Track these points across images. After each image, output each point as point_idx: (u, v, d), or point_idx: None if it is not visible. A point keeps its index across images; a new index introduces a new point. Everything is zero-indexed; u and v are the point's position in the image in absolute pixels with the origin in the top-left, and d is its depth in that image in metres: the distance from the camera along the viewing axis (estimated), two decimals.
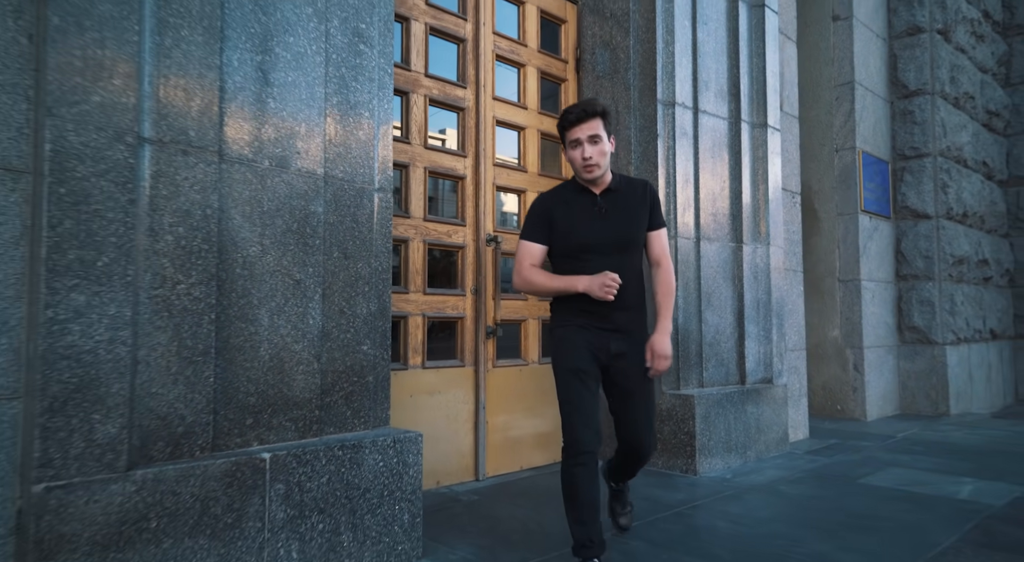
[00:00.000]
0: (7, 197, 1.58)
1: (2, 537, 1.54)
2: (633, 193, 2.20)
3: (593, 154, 2.09)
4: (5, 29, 1.59)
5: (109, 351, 1.63)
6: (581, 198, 2.17)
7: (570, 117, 2.11)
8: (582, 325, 2.11)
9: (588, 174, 2.12)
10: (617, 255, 2.12)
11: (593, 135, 2.09)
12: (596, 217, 2.13)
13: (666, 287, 2.21)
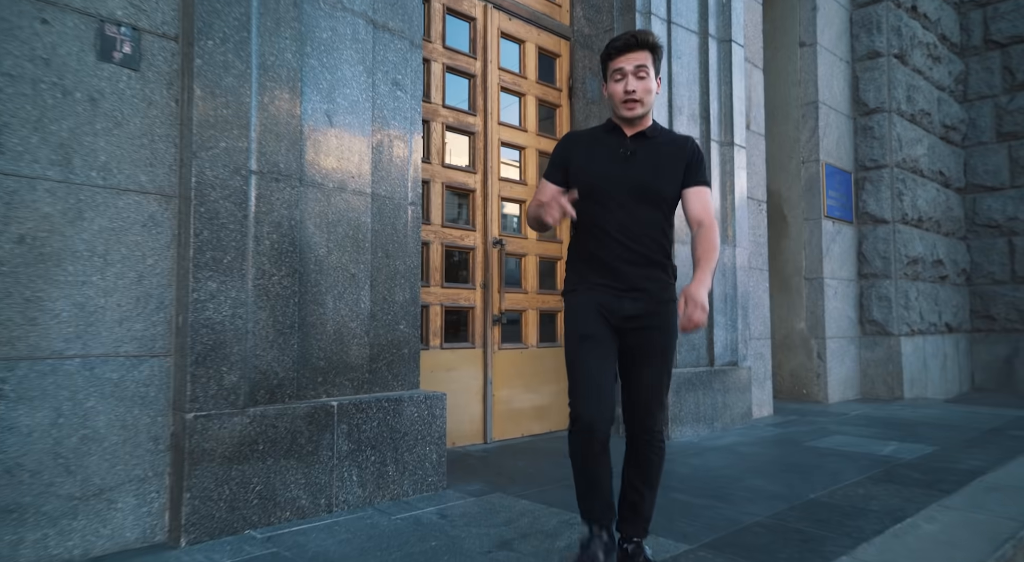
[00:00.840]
0: (163, 214, 2.25)
1: (163, 451, 2.21)
2: (671, 144, 1.95)
3: (637, 88, 1.85)
4: (160, 96, 2.25)
5: (231, 323, 2.30)
6: (609, 137, 1.95)
7: (616, 44, 1.88)
8: (592, 286, 1.90)
9: (628, 111, 1.88)
10: (636, 204, 1.86)
11: (640, 65, 1.86)
12: (617, 159, 1.90)
13: (708, 243, 1.87)
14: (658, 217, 1.91)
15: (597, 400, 1.80)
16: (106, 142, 2.13)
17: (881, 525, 2.37)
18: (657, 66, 1.90)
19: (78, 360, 2.05)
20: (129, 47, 2.18)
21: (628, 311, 1.87)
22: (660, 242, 1.92)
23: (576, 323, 1.90)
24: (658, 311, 1.89)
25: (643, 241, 1.88)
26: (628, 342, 1.91)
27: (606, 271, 1.89)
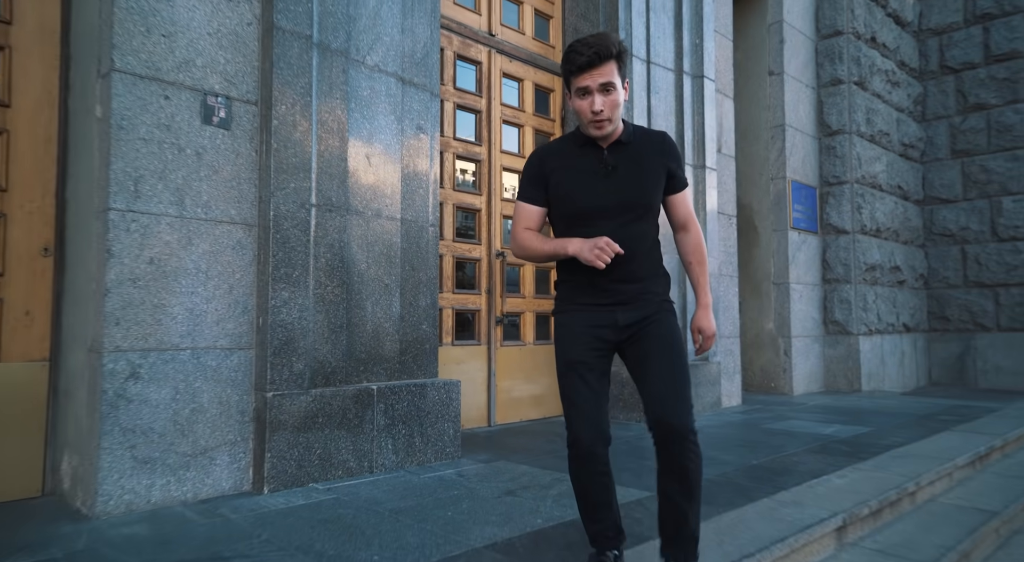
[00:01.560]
0: (247, 239, 2.91)
1: (248, 422, 2.87)
2: (648, 146, 1.85)
3: (604, 106, 1.74)
4: (245, 148, 2.92)
5: (299, 323, 2.97)
6: (584, 153, 1.84)
7: (579, 61, 1.72)
8: (583, 305, 1.84)
9: (597, 130, 1.78)
10: (627, 221, 1.79)
11: (605, 83, 1.73)
12: (600, 176, 1.80)
13: (698, 254, 1.88)
14: (647, 229, 1.84)
15: (593, 423, 1.76)
16: (207, 185, 2.79)
17: (802, 480, 3.07)
18: (623, 72, 1.77)
19: (189, 351, 2.72)
20: (224, 112, 2.85)
21: (623, 321, 1.80)
22: (652, 256, 1.86)
23: (567, 348, 1.83)
24: (655, 314, 1.82)
25: (635, 258, 1.79)
26: (632, 349, 1.83)
27: (598, 292, 1.82)
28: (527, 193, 1.90)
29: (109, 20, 2.58)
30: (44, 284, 2.84)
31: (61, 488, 2.76)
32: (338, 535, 2.28)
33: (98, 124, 2.63)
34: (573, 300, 1.87)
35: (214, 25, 2.84)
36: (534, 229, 1.91)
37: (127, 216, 2.56)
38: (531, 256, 1.90)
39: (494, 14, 4.83)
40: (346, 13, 3.24)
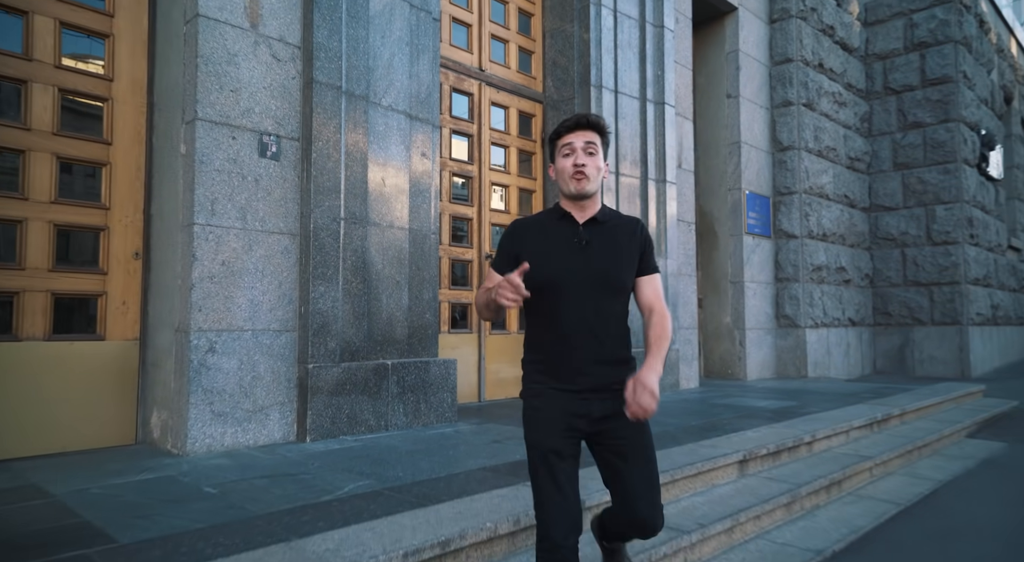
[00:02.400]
0: (292, 245, 3.74)
1: (293, 387, 3.70)
2: (622, 229, 1.86)
3: (587, 162, 1.78)
4: (290, 175, 3.75)
5: (331, 311, 3.80)
6: (560, 225, 1.84)
7: (567, 124, 1.83)
8: (555, 389, 1.77)
9: (577, 185, 1.79)
10: (597, 297, 1.76)
11: (589, 142, 1.81)
12: (574, 249, 1.79)
13: (660, 329, 1.81)
14: (619, 309, 1.81)
15: (566, 518, 1.69)
16: (263, 204, 3.62)
17: (723, 433, 3.94)
18: (605, 150, 1.84)
19: (250, 332, 3.54)
20: (275, 148, 3.68)
21: (597, 413, 1.74)
22: (623, 337, 1.83)
23: (539, 433, 1.75)
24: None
25: (608, 337, 1.77)
26: (605, 445, 1.78)
27: (570, 374, 1.75)
28: (497, 262, 1.85)
29: (193, 81, 3.40)
30: (135, 281, 3.66)
31: (151, 437, 3.58)
32: (370, 464, 3.12)
33: (183, 159, 3.45)
34: (544, 383, 1.78)
35: (268, 81, 3.67)
36: None
37: (206, 229, 3.39)
38: (480, 308, 1.82)
39: (484, 52, 5.68)
40: (366, 65, 4.07)
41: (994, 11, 10.63)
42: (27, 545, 2.03)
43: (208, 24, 3.43)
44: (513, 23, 5.96)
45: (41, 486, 2.71)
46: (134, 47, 3.70)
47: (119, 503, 2.47)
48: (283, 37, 3.75)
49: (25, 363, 3.26)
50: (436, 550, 2.06)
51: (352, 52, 3.98)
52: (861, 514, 3.32)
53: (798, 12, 8.17)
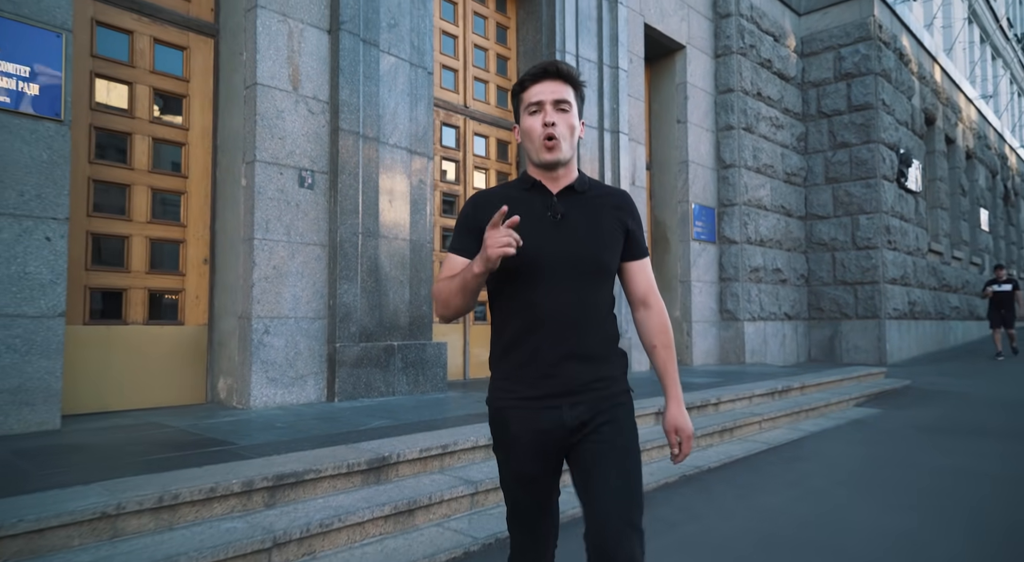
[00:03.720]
0: (322, 254, 4.93)
1: (324, 361, 4.90)
2: (605, 201, 1.52)
3: (558, 121, 1.44)
4: (320, 200, 4.94)
5: (352, 304, 4.99)
6: (529, 197, 1.49)
7: (532, 71, 1.47)
8: (522, 400, 1.46)
9: (548, 153, 1.45)
10: (576, 282, 1.43)
11: (560, 100, 1.45)
12: (544, 224, 1.46)
13: (663, 336, 1.53)
14: (601, 296, 1.49)
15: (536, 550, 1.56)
16: (302, 223, 4.81)
17: (647, 397, 5.19)
18: (580, 106, 1.50)
19: (293, 319, 4.73)
20: (311, 180, 4.87)
21: (572, 421, 1.44)
22: (607, 328, 1.50)
23: (509, 457, 1.51)
24: (610, 410, 1.46)
25: (587, 329, 1.45)
26: (579, 454, 1.47)
27: (541, 375, 1.44)
28: (456, 243, 1.53)
29: (252, 131, 4.58)
30: (204, 280, 4.83)
31: (218, 397, 4.75)
32: (386, 413, 4.33)
33: (243, 190, 4.63)
34: (510, 390, 1.49)
35: (305, 129, 4.86)
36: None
37: (262, 242, 4.57)
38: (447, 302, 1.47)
39: (468, 92, 6.90)
40: (377, 114, 5.27)
41: (916, 43, 12.06)
42: (183, 444, 3.22)
43: (263, 89, 4.62)
44: (492, 66, 7.18)
45: (162, 423, 3.89)
46: (203, 104, 4.86)
47: (223, 429, 3.66)
48: (316, 96, 4.94)
49: (130, 341, 4.43)
50: (438, 450, 3.28)
51: (367, 104, 5.17)
52: (740, 450, 4.60)
53: (738, 49, 9.48)
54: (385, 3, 5.35)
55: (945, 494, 3.64)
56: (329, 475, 2.83)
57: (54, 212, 3.64)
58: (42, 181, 3.60)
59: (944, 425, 5.68)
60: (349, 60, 5.03)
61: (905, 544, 2.87)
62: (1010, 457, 4.49)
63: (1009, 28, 21.70)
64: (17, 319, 3.50)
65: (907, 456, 4.56)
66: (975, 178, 15.51)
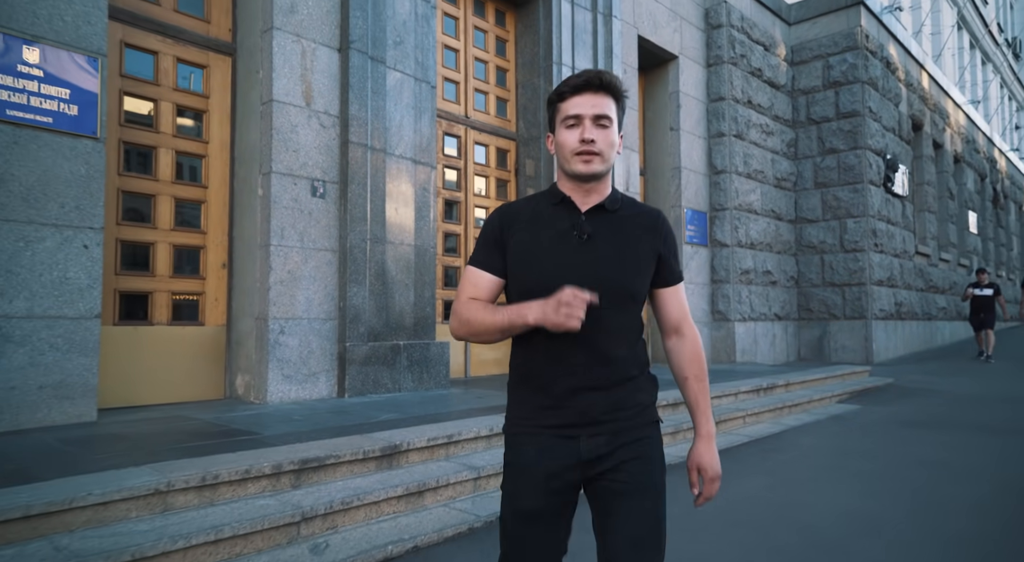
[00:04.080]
0: (333, 258, 5.26)
1: (335, 359, 5.23)
2: (637, 221, 1.41)
3: (597, 138, 1.34)
4: (331, 208, 5.27)
5: (361, 306, 5.32)
6: (556, 214, 1.40)
7: (572, 82, 1.37)
8: (537, 428, 1.37)
9: (584, 166, 1.35)
10: (601, 307, 1.28)
11: (600, 115, 1.35)
12: (570, 244, 1.36)
13: (696, 366, 1.44)
14: (628, 322, 1.38)
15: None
16: (314, 230, 5.14)
17: None
18: (621, 119, 1.40)
19: (306, 320, 5.06)
20: (322, 189, 5.19)
21: (588, 454, 1.34)
22: (634, 354, 1.40)
23: (515, 491, 1.38)
24: (632, 442, 1.36)
25: (612, 357, 1.35)
26: (599, 489, 1.36)
27: (559, 403, 1.35)
28: (479, 256, 1.45)
29: (268, 145, 4.91)
30: (223, 283, 5.16)
31: (236, 393, 5.08)
32: (393, 407, 4.66)
33: (260, 199, 4.96)
34: (526, 417, 1.40)
35: (317, 142, 5.19)
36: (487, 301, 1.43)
37: (278, 248, 4.90)
38: (477, 332, 1.38)
39: (469, 103, 7.23)
40: (384, 126, 5.60)
41: (904, 51, 12.40)
42: (212, 434, 3.55)
43: (279, 105, 4.94)
44: (492, 78, 7.51)
45: (188, 416, 4.22)
46: (222, 118, 5.19)
47: (245, 421, 3.99)
48: (327, 110, 5.27)
49: (155, 340, 4.75)
50: (444, 439, 3.61)
51: (374, 118, 5.50)
52: (723, 442, 4.93)
53: (729, 59, 9.82)
54: (391, 22, 5.68)
55: (902, 479, 3.97)
56: (347, 460, 3.17)
57: (91, 222, 3.97)
58: (80, 194, 3.93)
59: (918, 419, 6.02)
60: (358, 77, 5.36)
61: (859, 519, 3.21)
62: (972, 447, 4.83)
63: (1000, 33, 22.08)
64: (59, 320, 3.82)
65: (877, 447, 4.89)
66: (963, 182, 15.86)
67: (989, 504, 3.48)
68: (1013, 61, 24.13)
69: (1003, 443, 5.00)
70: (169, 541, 2.31)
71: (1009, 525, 3.17)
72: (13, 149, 3.69)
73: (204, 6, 5.14)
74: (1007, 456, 4.61)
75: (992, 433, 5.37)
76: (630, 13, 8.60)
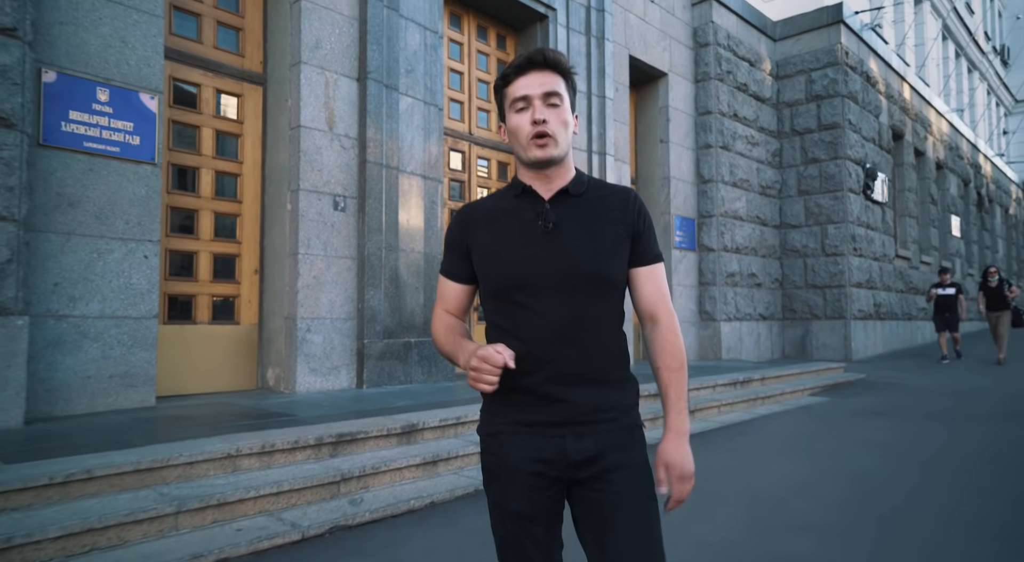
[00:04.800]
0: (352, 265, 5.92)
1: (354, 354, 5.88)
2: (606, 202, 1.32)
3: (549, 117, 1.26)
4: (351, 220, 5.93)
5: (378, 307, 5.98)
6: (518, 205, 1.32)
7: (515, 63, 1.29)
8: (517, 425, 1.29)
9: (540, 151, 1.27)
10: (572, 298, 1.25)
11: (550, 92, 1.27)
12: (537, 235, 1.28)
13: (670, 357, 1.31)
14: (606, 312, 1.29)
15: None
16: (336, 240, 5.80)
17: None
18: (572, 97, 1.33)
19: (329, 319, 5.72)
20: (343, 204, 5.85)
21: (576, 455, 1.26)
22: (613, 348, 1.31)
23: (499, 492, 1.31)
24: (618, 446, 1.28)
25: (588, 351, 1.27)
26: (588, 498, 1.28)
27: (536, 401, 1.27)
28: (445, 264, 1.41)
29: (296, 165, 5.57)
30: (255, 287, 5.83)
31: (267, 385, 5.75)
32: (407, 396, 5.32)
33: (289, 213, 5.62)
34: (502, 414, 1.31)
35: (338, 162, 5.85)
36: (455, 312, 1.42)
37: (305, 257, 5.56)
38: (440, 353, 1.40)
39: (472, 121, 7.89)
40: (397, 147, 6.26)
41: (885, 65, 13.05)
42: (257, 415, 4.22)
43: (305, 130, 5.61)
44: (493, 98, 8.16)
45: (231, 402, 4.88)
46: (254, 141, 5.86)
47: (281, 406, 4.66)
48: (347, 133, 5.93)
49: (198, 337, 5.42)
50: (453, 420, 4.27)
51: (388, 139, 6.16)
52: (698, 427, 5.59)
53: (716, 75, 10.48)
54: (403, 53, 6.35)
55: (846, 456, 4.63)
56: (374, 436, 3.83)
57: (150, 236, 4.64)
58: (141, 211, 4.59)
59: (878, 409, 6.67)
60: (374, 103, 6.03)
61: (800, 485, 3.87)
62: (917, 432, 5.48)
63: (987, 41, 22.72)
64: (125, 320, 4.49)
65: (833, 432, 5.55)
66: (946, 187, 16.50)
67: (915, 477, 4.13)
68: (1001, 68, 24.77)
69: (948, 428, 5.65)
70: (243, 491, 2.98)
71: (928, 493, 3.82)
72: (89, 175, 4.35)
73: (239, 42, 5.81)
74: (946, 439, 5.26)
75: (941, 420, 6.02)
76: (622, 35, 9.25)
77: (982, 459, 4.55)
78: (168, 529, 2.75)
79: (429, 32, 6.61)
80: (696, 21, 10.68)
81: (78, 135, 4.30)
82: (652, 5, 9.86)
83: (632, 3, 9.47)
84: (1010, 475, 4.12)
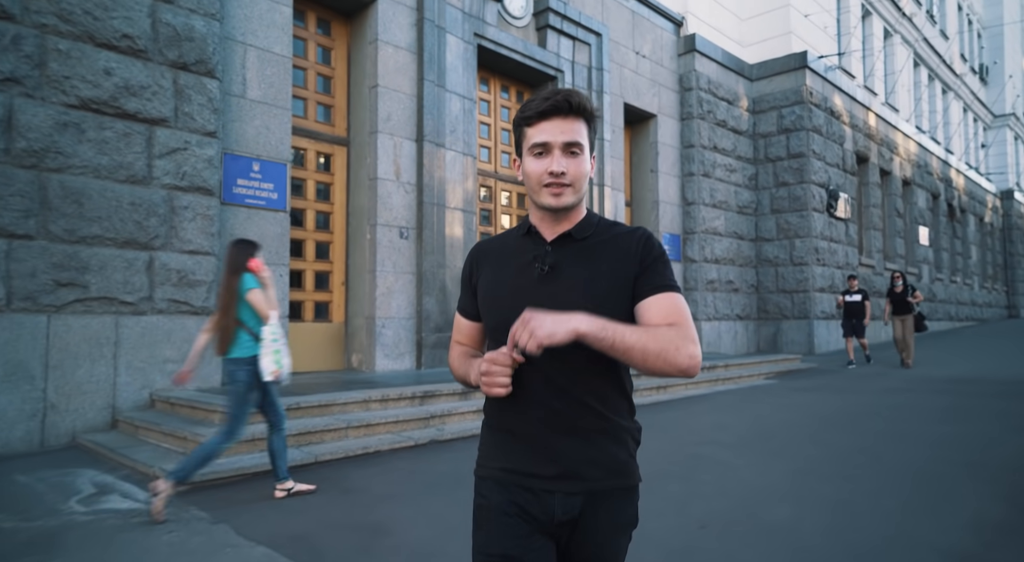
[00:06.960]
0: (412, 279, 8.01)
1: (414, 343, 7.97)
2: (613, 244, 1.30)
3: (568, 169, 1.26)
4: (411, 245, 8.02)
5: (431, 310, 8.07)
6: (522, 246, 1.34)
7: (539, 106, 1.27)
8: (508, 474, 1.30)
9: (554, 199, 1.28)
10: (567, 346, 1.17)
11: (571, 142, 1.26)
12: (533, 277, 1.28)
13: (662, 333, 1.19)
14: (600, 356, 1.20)
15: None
16: (401, 260, 7.89)
17: None
18: (592, 141, 1.31)
19: (397, 318, 7.81)
20: (406, 234, 7.95)
21: (563, 513, 1.26)
22: (607, 398, 1.28)
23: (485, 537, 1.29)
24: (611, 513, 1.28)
25: (580, 400, 1.25)
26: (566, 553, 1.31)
27: (527, 449, 1.28)
28: (460, 301, 1.47)
29: (374, 207, 7.67)
30: (342, 295, 7.93)
31: (351, 366, 7.85)
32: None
33: (368, 242, 7.72)
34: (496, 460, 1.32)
35: (403, 203, 7.94)
36: (469, 346, 1.45)
37: (380, 273, 7.66)
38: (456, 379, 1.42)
39: (497, 162, 9.97)
40: (443, 189, 8.33)
41: (850, 99, 15.00)
42: (360, 384, 6.31)
43: (380, 181, 7.70)
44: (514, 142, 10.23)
45: (337, 377, 6.98)
46: (341, 189, 7.97)
47: (368, 379, 6.75)
48: (409, 181, 8.02)
49: (305, 332, 7.52)
50: None
51: (437, 185, 8.25)
52: (665, 397, 7.62)
53: (698, 114, 12.50)
54: (448, 118, 8.43)
55: (772, 414, 6.65)
56: (445, 394, 5.91)
57: (283, 260, 6.74)
58: (278, 245, 6.70)
59: (810, 387, 8.67)
60: (428, 158, 8.11)
61: (728, 429, 5.91)
62: (833, 401, 7.48)
63: (963, 63, 24.55)
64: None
65: (766, 401, 7.56)
66: (914, 201, 18.41)
67: (809, 424, 6.15)
68: (980, 86, 26.58)
69: (855, 399, 7.66)
70: (379, 419, 5.07)
71: (807, 429, 5.84)
72: (248, 221, 6.46)
73: (331, 116, 7.91)
74: (841, 404, 7.27)
75: (847, 394, 8.02)
76: (617, 86, 11.30)
77: (861, 414, 6.57)
78: (342, 437, 4.85)
79: (466, 100, 8.69)
80: (681, 69, 12.71)
81: (242, 194, 6.42)
82: (644, 60, 11.91)
83: (626, 59, 11.52)
84: (860, 420, 6.14)
